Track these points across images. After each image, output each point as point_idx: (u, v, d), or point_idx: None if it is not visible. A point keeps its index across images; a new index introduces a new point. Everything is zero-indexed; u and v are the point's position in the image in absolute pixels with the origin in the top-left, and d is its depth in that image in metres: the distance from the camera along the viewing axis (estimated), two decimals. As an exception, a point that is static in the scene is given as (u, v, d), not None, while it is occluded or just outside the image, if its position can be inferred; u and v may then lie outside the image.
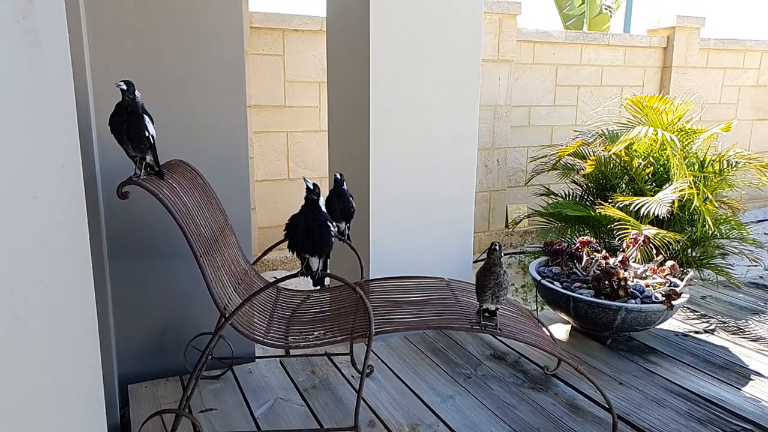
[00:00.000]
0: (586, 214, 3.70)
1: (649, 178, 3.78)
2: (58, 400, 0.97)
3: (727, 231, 3.62)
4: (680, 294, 2.42)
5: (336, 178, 2.14)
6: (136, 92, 1.63)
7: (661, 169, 3.74)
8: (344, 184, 2.16)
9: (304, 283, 2.64)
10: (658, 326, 2.62)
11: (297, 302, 2.19)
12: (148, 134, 1.64)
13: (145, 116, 1.65)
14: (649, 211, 3.23)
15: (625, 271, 2.59)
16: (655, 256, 2.84)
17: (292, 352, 2.43)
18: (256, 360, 2.42)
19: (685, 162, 3.65)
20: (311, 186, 1.69)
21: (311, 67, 4.61)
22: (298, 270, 1.74)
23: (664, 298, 2.39)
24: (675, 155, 3.42)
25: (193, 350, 2.21)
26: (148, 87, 2.05)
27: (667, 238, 3.12)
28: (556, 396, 2.16)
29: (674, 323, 2.82)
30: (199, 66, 2.16)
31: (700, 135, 3.72)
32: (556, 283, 2.61)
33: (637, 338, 2.63)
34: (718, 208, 3.69)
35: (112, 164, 2.01)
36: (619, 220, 3.34)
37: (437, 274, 2.44)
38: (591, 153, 4.00)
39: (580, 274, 2.67)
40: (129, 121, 1.61)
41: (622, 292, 2.44)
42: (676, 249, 3.33)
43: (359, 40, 2.58)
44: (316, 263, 1.73)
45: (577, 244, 2.78)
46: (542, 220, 4.05)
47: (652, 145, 3.71)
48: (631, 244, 2.86)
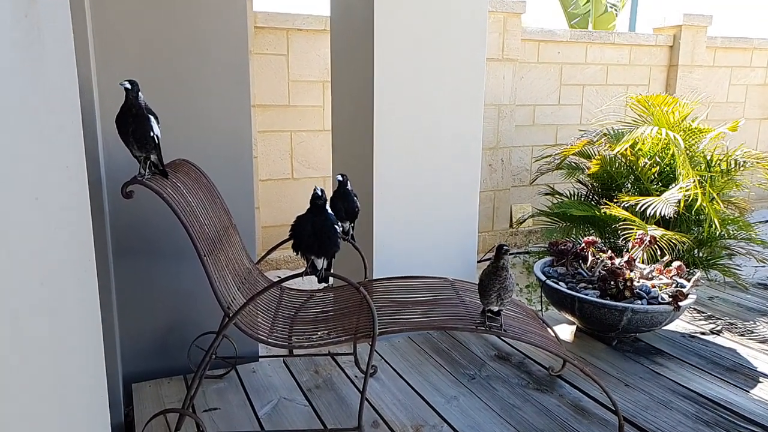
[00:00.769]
0: (592, 214, 3.67)
1: (655, 178, 3.75)
2: (60, 402, 0.97)
3: (735, 231, 3.59)
4: (687, 295, 2.40)
5: (339, 180, 2.13)
6: (140, 94, 1.63)
7: (667, 168, 3.71)
8: (348, 184, 2.15)
9: (308, 283, 2.64)
10: (665, 327, 2.60)
11: (301, 302, 2.18)
12: (153, 134, 1.64)
13: (151, 116, 1.65)
14: (656, 212, 3.21)
15: (631, 271, 2.57)
16: (660, 257, 2.82)
17: (296, 352, 2.42)
18: (260, 359, 2.42)
19: (692, 161, 3.62)
20: (319, 192, 1.68)
21: (315, 67, 4.61)
22: (303, 270, 1.74)
23: (671, 299, 2.37)
24: (680, 154, 3.40)
25: (197, 349, 2.21)
26: (153, 86, 2.06)
27: (674, 239, 3.09)
28: (561, 397, 2.14)
29: (681, 324, 2.80)
30: (203, 65, 2.16)
31: (706, 134, 3.69)
32: (561, 283, 2.59)
33: (643, 339, 2.61)
34: (726, 208, 3.66)
35: (117, 164, 2.01)
36: (624, 220, 3.32)
37: (441, 274, 2.43)
38: (596, 152, 3.98)
39: (586, 275, 2.66)
40: (135, 123, 1.61)
41: (628, 293, 2.42)
42: (682, 250, 3.30)
43: (363, 40, 2.57)
44: (320, 263, 1.73)
45: (583, 245, 2.76)
46: (547, 219, 4.03)
47: (657, 145, 3.68)
48: (637, 245, 2.84)
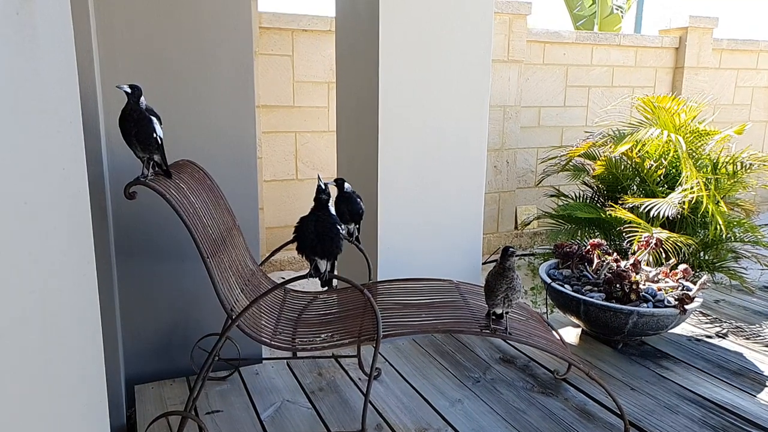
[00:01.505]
0: (597, 216, 3.66)
1: (661, 180, 3.73)
2: (58, 406, 0.96)
3: (741, 234, 3.57)
4: (693, 298, 2.38)
5: (336, 184, 2.14)
6: (142, 98, 1.63)
7: (673, 170, 3.69)
8: (345, 185, 2.15)
9: (312, 285, 2.63)
10: (671, 330, 2.58)
11: (304, 304, 2.17)
12: (156, 136, 1.64)
13: (153, 118, 1.64)
14: (660, 213, 3.19)
15: (637, 274, 2.56)
16: (665, 260, 2.79)
17: (299, 354, 2.41)
18: (263, 361, 2.41)
19: (698, 164, 3.60)
20: (323, 186, 1.68)
21: (320, 68, 4.60)
22: (306, 272, 1.73)
23: (677, 302, 2.35)
24: (682, 156, 3.37)
25: (200, 351, 2.20)
26: (157, 86, 2.05)
27: (679, 242, 3.07)
28: (566, 401, 2.12)
29: (687, 327, 2.78)
30: (208, 66, 2.15)
31: (713, 137, 3.66)
32: (566, 286, 2.57)
33: (649, 343, 2.59)
34: (731, 211, 3.64)
35: (121, 165, 2.01)
36: (629, 222, 3.30)
37: (446, 276, 2.42)
38: (601, 154, 3.96)
39: (591, 277, 2.64)
40: (137, 126, 1.61)
41: (633, 296, 2.40)
42: (687, 252, 3.28)
43: (368, 41, 2.56)
44: (324, 265, 1.72)
45: (588, 247, 2.74)
46: (552, 221, 4.02)
47: (664, 147, 3.66)
48: (643, 247, 2.82)
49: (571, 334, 2.68)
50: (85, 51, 1.85)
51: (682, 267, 2.58)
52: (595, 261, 2.69)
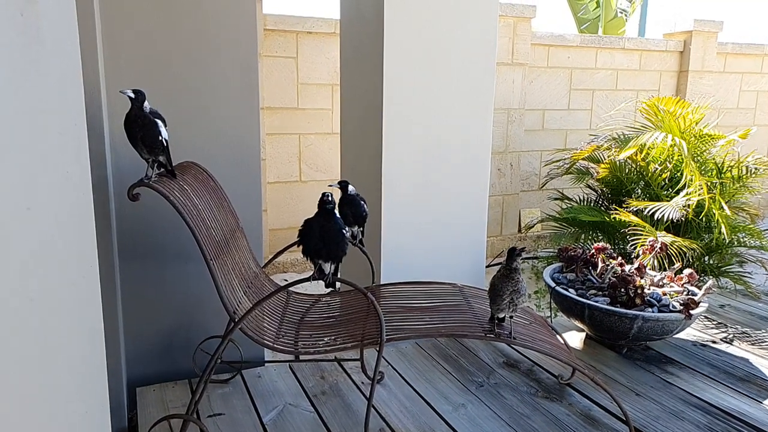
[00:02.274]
0: (601, 220, 3.64)
1: (666, 184, 3.72)
2: (59, 409, 0.95)
3: (745, 238, 3.55)
4: (699, 303, 2.36)
5: (340, 187, 2.13)
6: (146, 103, 1.63)
7: (678, 174, 3.68)
8: (349, 188, 2.14)
9: (315, 287, 2.62)
10: (676, 336, 2.56)
11: (307, 306, 2.16)
12: (161, 139, 1.64)
13: (158, 120, 1.64)
14: (664, 216, 3.18)
15: (642, 278, 2.54)
16: (668, 266, 2.78)
17: (302, 357, 2.40)
18: (266, 364, 2.40)
19: (703, 168, 3.58)
20: (328, 198, 1.67)
21: (324, 70, 4.60)
22: (310, 274, 1.73)
23: (682, 307, 2.34)
24: (685, 160, 3.36)
25: (203, 353, 2.19)
26: (161, 88, 2.05)
27: (684, 246, 3.05)
28: (570, 406, 2.11)
29: (692, 332, 2.76)
30: (212, 68, 2.15)
31: (717, 141, 3.65)
32: (570, 290, 2.56)
33: (654, 348, 2.57)
34: (737, 215, 3.62)
35: (124, 166, 2.00)
36: (633, 226, 3.28)
37: (449, 279, 2.41)
38: (605, 157, 3.95)
39: (596, 281, 2.62)
40: (143, 130, 1.61)
41: (638, 300, 2.38)
42: (692, 257, 3.27)
43: (373, 43, 2.55)
44: (328, 268, 1.72)
45: (592, 251, 2.73)
46: (556, 225, 4.00)
47: (669, 150, 3.65)
48: (648, 251, 2.81)
49: (575, 339, 2.66)
50: (90, 52, 1.84)
51: (688, 271, 2.57)
52: (600, 265, 2.67)
